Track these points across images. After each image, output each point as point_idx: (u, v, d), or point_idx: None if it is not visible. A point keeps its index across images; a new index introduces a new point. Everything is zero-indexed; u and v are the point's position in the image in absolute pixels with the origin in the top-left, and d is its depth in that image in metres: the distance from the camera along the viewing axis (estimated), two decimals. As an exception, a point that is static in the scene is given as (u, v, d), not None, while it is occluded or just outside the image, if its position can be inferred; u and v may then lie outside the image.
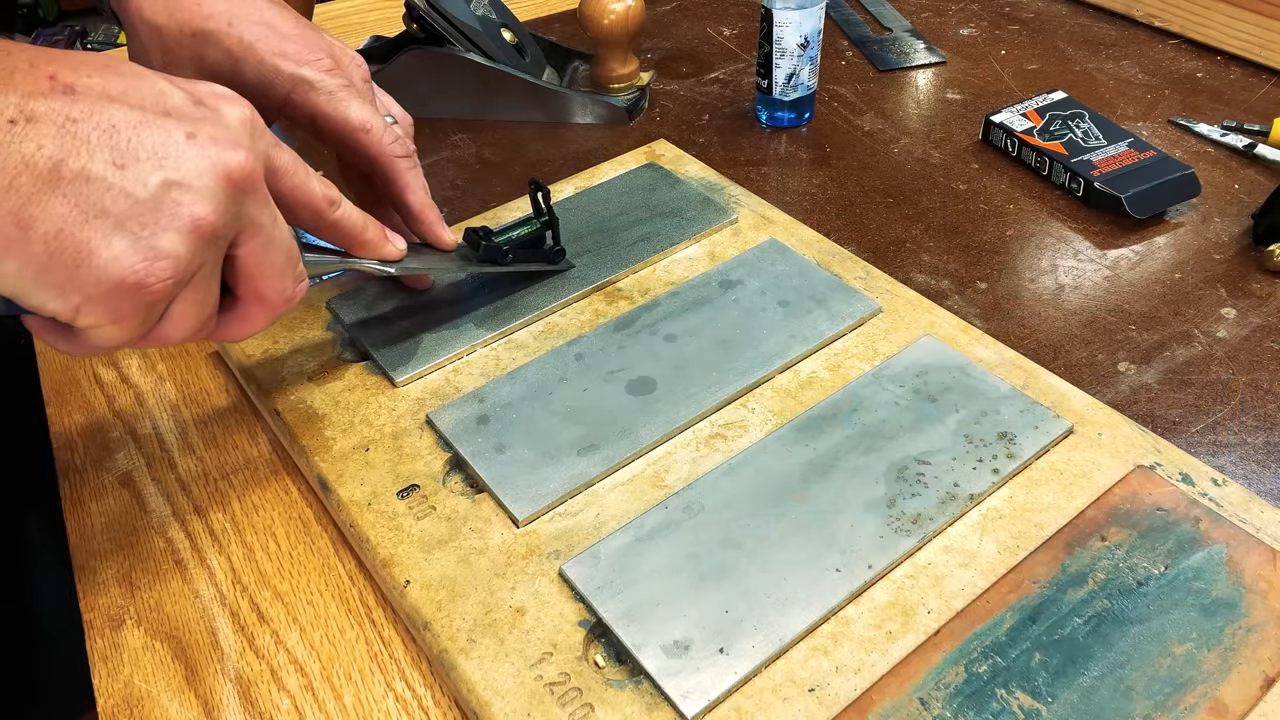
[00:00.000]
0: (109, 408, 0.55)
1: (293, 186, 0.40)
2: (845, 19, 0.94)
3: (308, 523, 0.48)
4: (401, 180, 0.49)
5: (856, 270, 0.57)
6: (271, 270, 0.38)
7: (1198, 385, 0.54)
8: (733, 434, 0.48)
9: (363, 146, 0.47)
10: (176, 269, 0.34)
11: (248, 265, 0.38)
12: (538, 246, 0.56)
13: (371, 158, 0.48)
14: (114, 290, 0.33)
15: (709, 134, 0.78)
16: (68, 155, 0.31)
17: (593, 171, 0.67)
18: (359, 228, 0.44)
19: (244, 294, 0.39)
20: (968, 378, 0.49)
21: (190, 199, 0.33)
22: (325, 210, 0.42)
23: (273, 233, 0.38)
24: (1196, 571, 0.40)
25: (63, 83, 0.32)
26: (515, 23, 0.81)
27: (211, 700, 0.41)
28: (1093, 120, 0.72)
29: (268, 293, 0.39)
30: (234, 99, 0.37)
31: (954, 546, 0.42)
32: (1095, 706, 0.36)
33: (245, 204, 0.36)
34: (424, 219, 0.50)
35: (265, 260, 0.38)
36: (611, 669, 0.39)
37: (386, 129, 0.48)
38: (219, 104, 0.36)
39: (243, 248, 0.37)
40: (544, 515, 0.44)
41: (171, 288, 0.34)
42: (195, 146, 0.34)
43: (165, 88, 0.35)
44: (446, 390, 0.51)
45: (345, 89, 0.46)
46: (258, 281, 0.38)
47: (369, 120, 0.47)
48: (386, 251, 0.47)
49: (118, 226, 0.32)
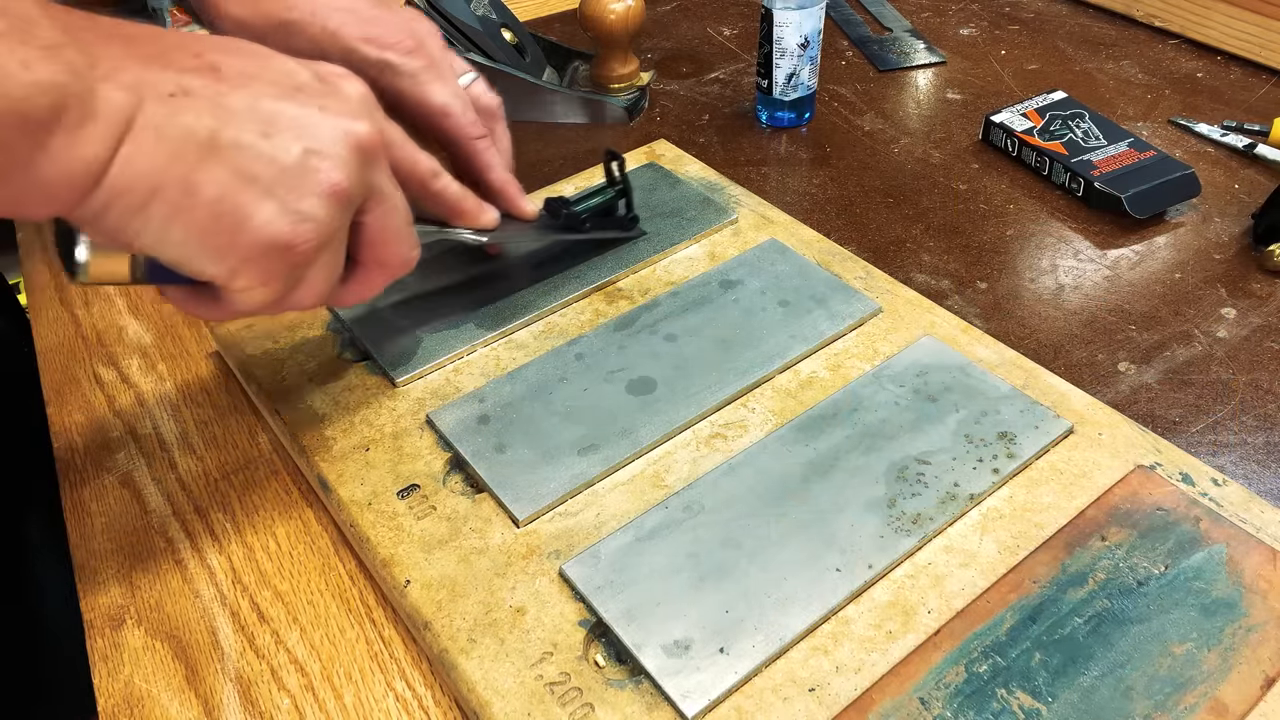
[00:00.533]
0: (109, 408, 0.55)
1: (402, 158, 0.42)
2: (845, 19, 0.94)
3: (308, 523, 0.48)
4: (480, 160, 0.50)
5: (856, 270, 0.57)
6: (394, 235, 0.40)
7: (1198, 385, 0.54)
8: (733, 434, 0.48)
9: (443, 130, 0.49)
10: (319, 232, 0.36)
11: (373, 231, 0.40)
12: (611, 214, 0.58)
13: (451, 140, 0.49)
14: (266, 252, 0.35)
15: (709, 134, 0.78)
16: (222, 125, 0.33)
17: (593, 171, 0.67)
18: (459, 198, 0.47)
19: (366, 259, 0.41)
20: (968, 378, 0.49)
21: (328, 165, 0.35)
22: (430, 181, 0.45)
23: (395, 200, 0.40)
24: (1196, 571, 0.40)
25: (209, 61, 0.34)
26: (515, 23, 0.81)
27: (211, 700, 0.41)
28: (1093, 120, 0.72)
29: (389, 258, 0.41)
30: (351, 76, 0.39)
31: (954, 546, 0.42)
32: (1095, 706, 0.36)
33: (372, 172, 0.38)
34: (505, 193, 0.51)
35: (388, 226, 0.40)
36: (611, 669, 0.39)
37: (465, 109, 0.49)
38: (339, 81, 0.38)
39: (369, 214, 0.39)
40: (544, 515, 0.44)
41: (314, 250, 0.36)
42: (328, 118, 0.36)
43: (293, 67, 0.37)
44: (446, 390, 0.51)
45: (427, 70, 0.48)
46: (380, 247, 0.40)
47: (449, 103, 0.48)
48: (483, 220, 0.48)
49: (267, 192, 0.34)
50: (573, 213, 0.56)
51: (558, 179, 0.67)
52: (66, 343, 0.60)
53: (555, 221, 0.56)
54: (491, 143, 0.51)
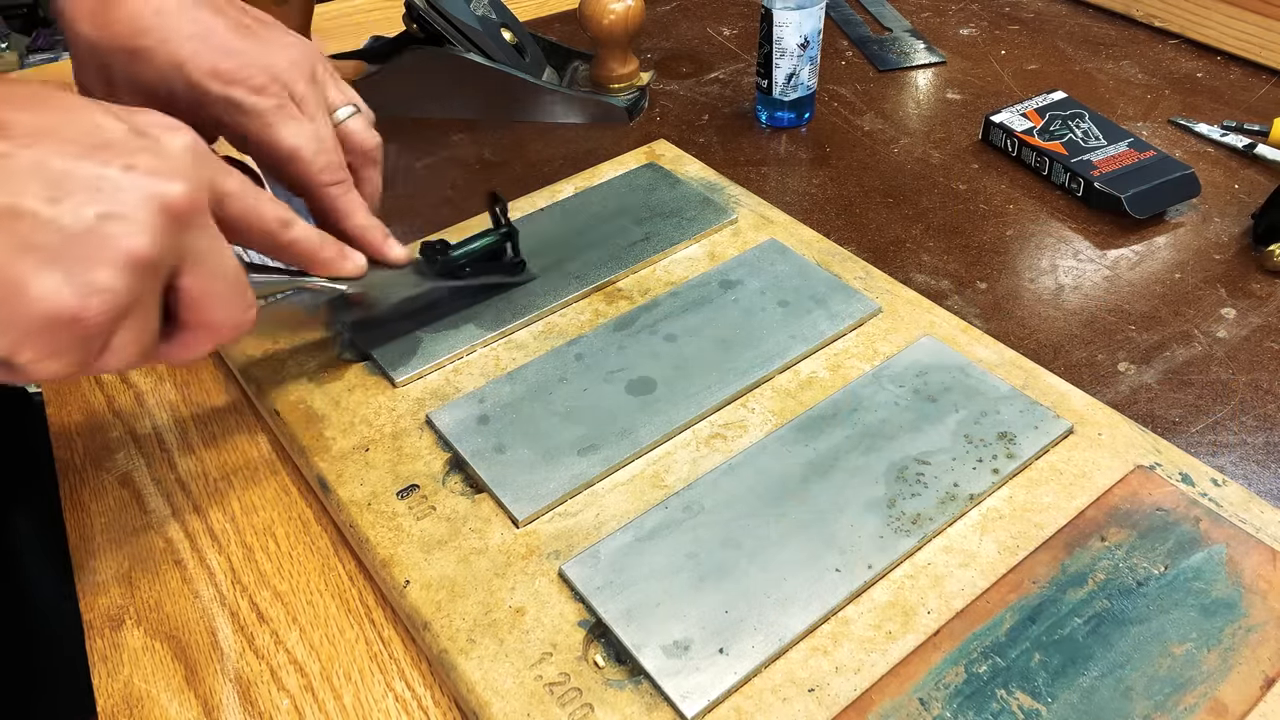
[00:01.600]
0: (109, 408, 0.55)
1: (242, 210, 0.39)
2: (845, 19, 0.94)
3: (308, 523, 0.48)
4: (335, 208, 0.47)
5: (856, 270, 0.57)
6: (217, 300, 0.38)
7: (1198, 385, 0.54)
8: (733, 434, 0.48)
9: (293, 175, 0.46)
10: (112, 303, 0.33)
11: (191, 296, 0.37)
12: (498, 258, 0.56)
13: (302, 186, 0.47)
14: (49, 326, 0.32)
15: (709, 134, 0.78)
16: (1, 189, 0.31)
17: (593, 171, 0.67)
18: (315, 247, 0.43)
19: (189, 322, 0.38)
20: (968, 378, 0.49)
21: (126, 231, 0.33)
22: (278, 232, 0.41)
23: (216, 262, 0.37)
24: (1196, 571, 0.40)
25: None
26: (515, 23, 0.81)
27: (211, 700, 0.41)
28: (1093, 120, 0.72)
29: (215, 321, 0.38)
30: (176, 127, 0.36)
31: (954, 546, 0.42)
32: (1095, 707, 0.36)
33: (185, 235, 0.35)
34: (366, 240, 0.48)
35: (210, 290, 0.37)
36: (611, 669, 0.38)
37: (317, 153, 0.46)
38: (160, 133, 0.35)
39: (185, 278, 0.36)
40: (544, 515, 0.44)
41: (108, 322, 0.33)
42: (132, 178, 0.33)
43: (102, 120, 0.34)
44: (446, 390, 0.51)
45: (277, 110, 0.45)
46: (204, 311, 0.37)
47: (299, 147, 0.45)
48: (345, 269, 0.45)
49: (50, 261, 0.31)
50: (449, 259, 0.53)
51: (558, 179, 0.67)
52: (66, 343, 0.60)
53: (432, 268, 0.53)
54: (348, 188, 0.47)
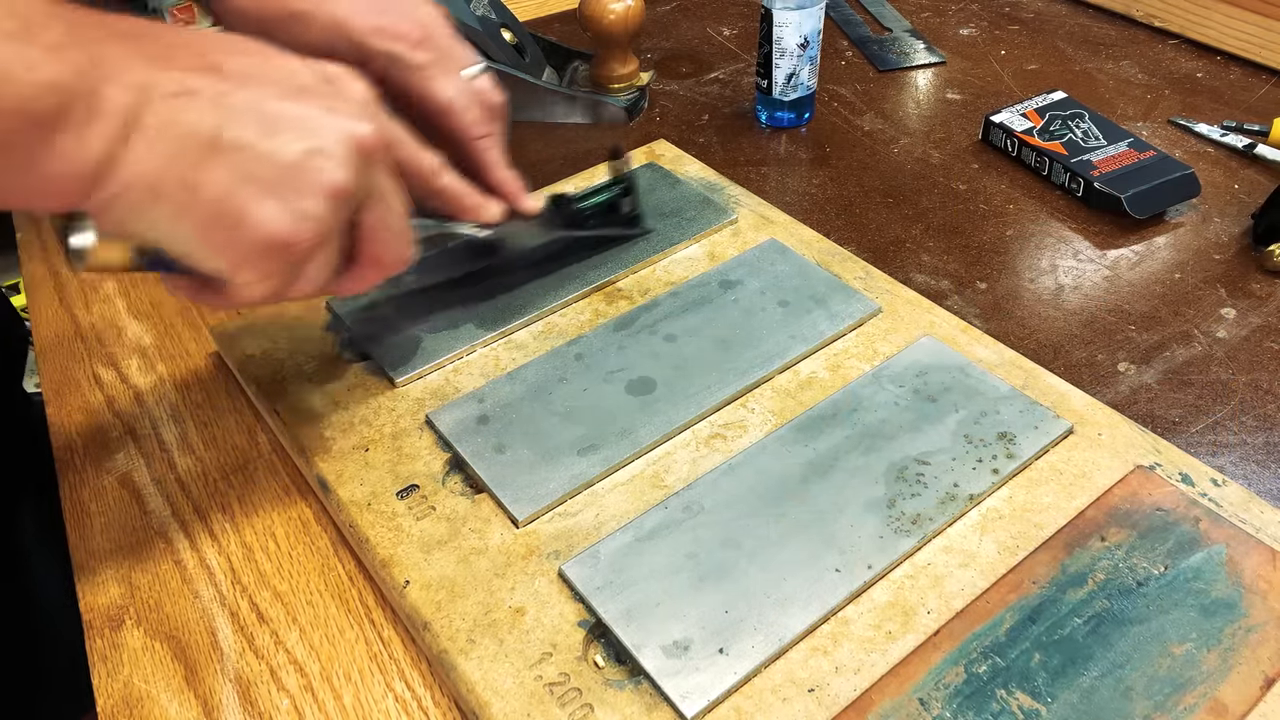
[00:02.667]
0: (109, 408, 0.55)
1: (406, 156, 0.43)
2: (845, 19, 0.94)
3: (307, 523, 0.48)
4: (483, 159, 0.50)
5: (856, 270, 0.57)
6: (390, 235, 0.41)
7: (1198, 385, 0.54)
8: (732, 434, 0.48)
9: (447, 127, 0.49)
10: (318, 230, 0.36)
11: (370, 229, 0.40)
12: (615, 211, 0.58)
13: (454, 138, 0.49)
14: (266, 249, 0.35)
15: (709, 134, 0.78)
16: (225, 125, 0.34)
17: (593, 172, 0.67)
18: (461, 194, 0.47)
19: (362, 256, 0.41)
20: (967, 378, 0.49)
21: (330, 166, 0.36)
22: (433, 178, 0.45)
23: (393, 200, 0.40)
24: (1196, 572, 0.40)
25: (212, 61, 0.35)
26: (515, 23, 0.81)
27: (211, 700, 0.41)
28: (1093, 120, 0.72)
29: (384, 256, 0.41)
30: (355, 76, 0.39)
31: (954, 547, 0.42)
32: (1095, 707, 0.36)
33: (372, 172, 0.38)
34: (507, 190, 0.51)
35: (386, 225, 0.40)
36: (611, 669, 0.38)
37: (468, 106, 0.49)
38: (343, 81, 0.39)
39: (367, 213, 0.39)
40: (544, 515, 0.44)
41: (313, 248, 0.37)
42: (331, 118, 0.36)
43: (297, 66, 0.37)
44: (446, 390, 0.51)
45: (434, 64, 0.48)
46: (376, 245, 0.40)
47: (454, 100, 0.48)
48: (486, 215, 0.49)
49: (268, 190, 0.35)
50: (575, 209, 0.56)
51: (558, 179, 0.67)
52: (66, 343, 0.60)
53: (558, 218, 0.56)
54: (495, 141, 0.51)
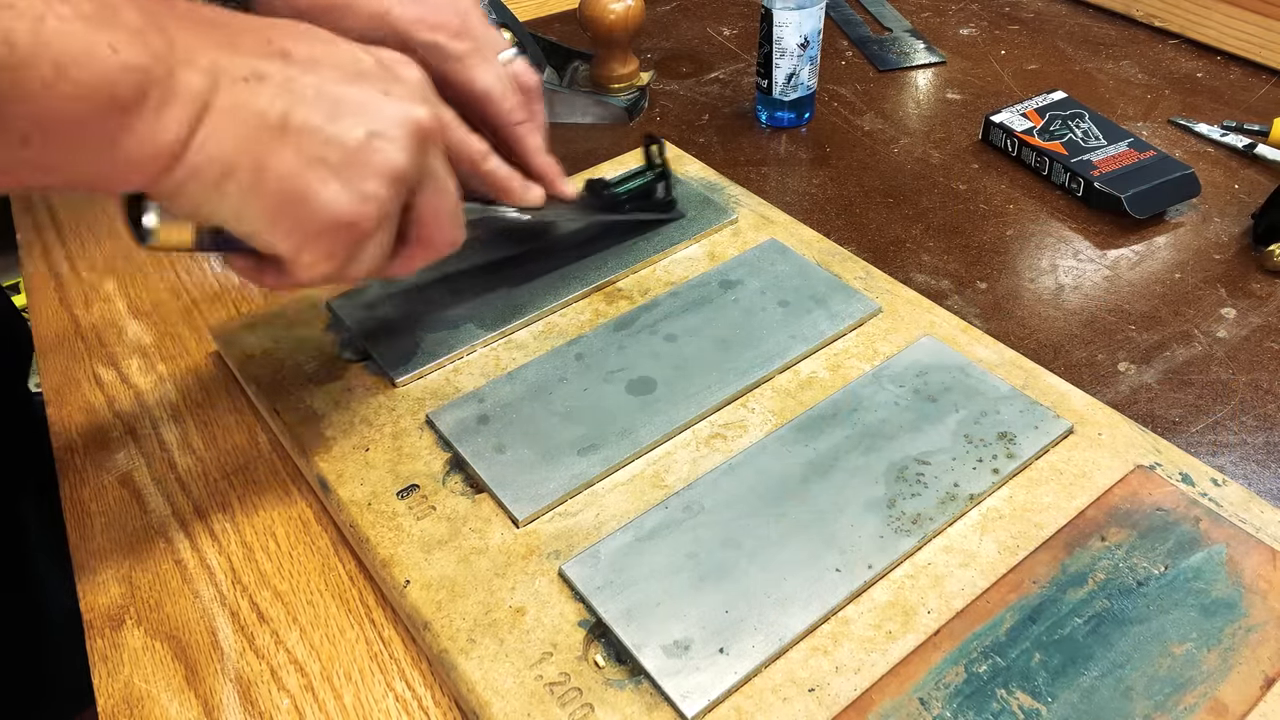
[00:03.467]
0: (109, 408, 0.55)
1: (455, 141, 0.44)
2: (845, 19, 0.94)
3: (308, 523, 0.48)
4: (523, 144, 0.51)
5: (856, 270, 0.57)
6: (444, 217, 0.41)
7: (1198, 385, 0.54)
8: (733, 434, 0.48)
9: (487, 114, 0.50)
10: (380, 211, 0.37)
11: (424, 212, 0.41)
12: (650, 197, 0.60)
13: (495, 124, 0.50)
14: (331, 229, 0.36)
15: (709, 134, 0.78)
16: (292, 108, 0.35)
17: (592, 171, 0.67)
18: (507, 178, 0.48)
19: (415, 238, 0.41)
20: (968, 378, 0.49)
21: (390, 148, 0.37)
22: (480, 162, 0.46)
23: (447, 183, 0.41)
24: (1196, 571, 0.40)
25: (279, 47, 0.36)
26: (515, 23, 0.81)
27: (211, 700, 0.41)
28: (1093, 120, 0.72)
29: (436, 238, 0.42)
30: (409, 62, 0.40)
31: (954, 546, 0.42)
32: (1095, 706, 0.36)
33: (429, 155, 0.39)
34: (547, 176, 0.52)
35: (439, 208, 0.41)
36: (611, 669, 0.38)
37: (507, 92, 0.50)
38: (399, 67, 0.39)
39: (422, 196, 0.40)
40: (544, 515, 0.44)
41: (374, 228, 0.38)
42: (391, 102, 0.37)
43: (358, 53, 0.38)
44: (446, 390, 0.51)
45: (474, 52, 0.49)
46: (429, 228, 0.41)
47: (493, 87, 0.49)
48: (529, 199, 0.50)
49: (333, 172, 0.36)
50: (613, 193, 0.57)
51: (558, 179, 0.67)
52: (66, 343, 0.60)
53: (596, 201, 0.57)
54: (534, 127, 0.52)
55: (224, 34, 0.34)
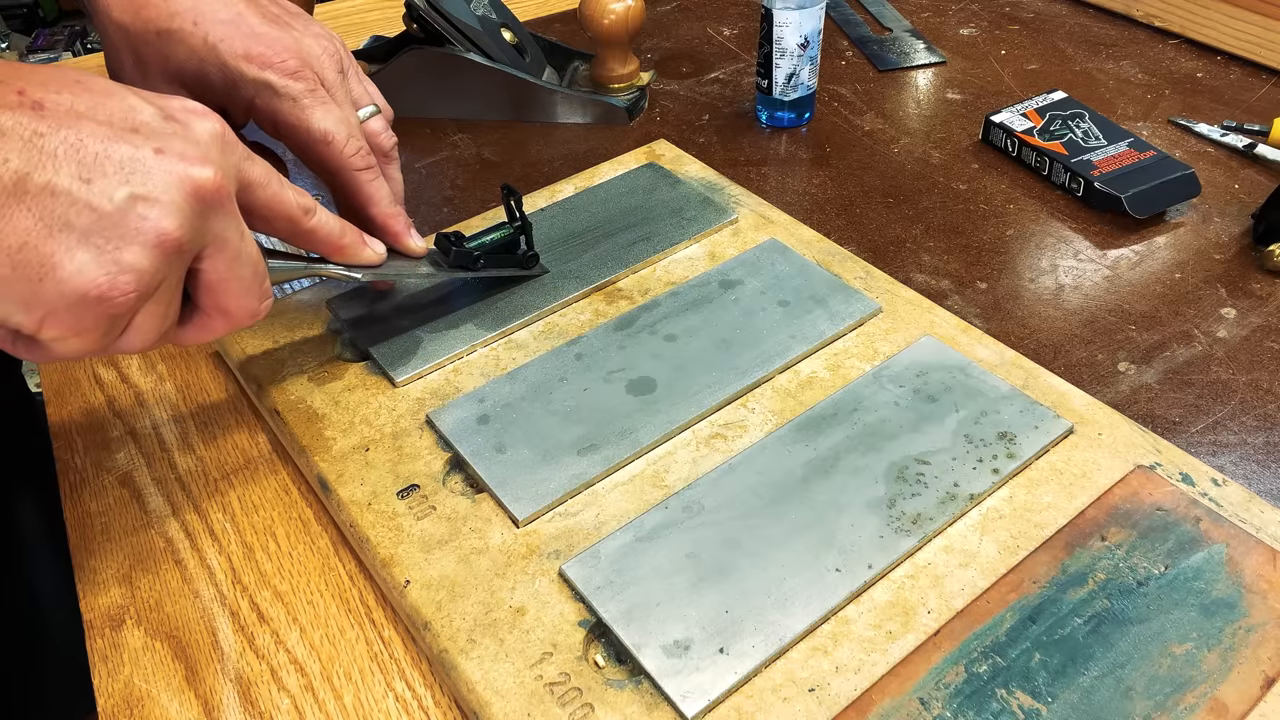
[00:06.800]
0: (109, 408, 0.55)
1: (267, 199, 0.40)
2: (845, 19, 0.94)
3: (308, 523, 0.48)
4: (363, 193, 0.48)
5: (856, 270, 0.57)
6: (237, 286, 0.38)
7: (1198, 385, 0.54)
8: (733, 434, 0.48)
9: (324, 159, 0.46)
10: (140, 283, 0.34)
11: (212, 280, 0.38)
12: (512, 251, 0.56)
13: (332, 170, 0.47)
14: (77, 303, 0.33)
15: (709, 134, 0.78)
16: (33, 169, 0.31)
17: (593, 171, 0.67)
18: (336, 234, 0.44)
19: (207, 307, 0.39)
20: (968, 378, 0.49)
21: (156, 213, 0.33)
22: (301, 219, 0.42)
23: (239, 248, 0.38)
24: (1196, 571, 0.40)
25: (31, 98, 0.32)
26: (515, 23, 0.81)
27: (211, 700, 0.41)
28: (1093, 120, 0.72)
29: (230, 307, 0.39)
30: (204, 114, 0.37)
31: (954, 546, 0.42)
32: (1095, 706, 0.36)
33: (212, 219, 0.36)
34: (389, 229, 0.49)
35: (231, 276, 0.38)
36: (611, 669, 0.39)
37: (349, 138, 0.46)
38: (189, 119, 0.36)
39: (207, 262, 0.37)
40: (544, 515, 0.44)
41: (135, 301, 0.34)
42: (163, 162, 0.34)
43: (135, 103, 0.35)
44: (446, 390, 0.51)
45: (310, 94, 0.45)
46: (221, 296, 0.38)
47: (330, 130, 0.46)
48: (365, 257, 0.46)
49: (82, 240, 0.32)
50: (463, 250, 0.53)
51: (558, 179, 0.67)
52: (66, 343, 0.60)
53: (447, 259, 0.53)
54: (377, 174, 0.48)
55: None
